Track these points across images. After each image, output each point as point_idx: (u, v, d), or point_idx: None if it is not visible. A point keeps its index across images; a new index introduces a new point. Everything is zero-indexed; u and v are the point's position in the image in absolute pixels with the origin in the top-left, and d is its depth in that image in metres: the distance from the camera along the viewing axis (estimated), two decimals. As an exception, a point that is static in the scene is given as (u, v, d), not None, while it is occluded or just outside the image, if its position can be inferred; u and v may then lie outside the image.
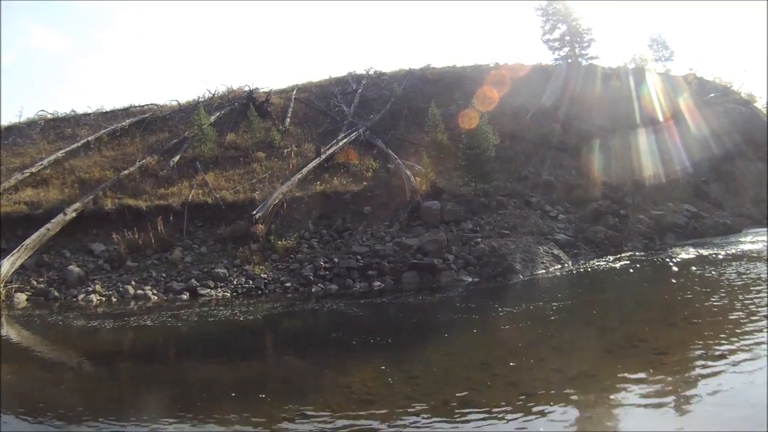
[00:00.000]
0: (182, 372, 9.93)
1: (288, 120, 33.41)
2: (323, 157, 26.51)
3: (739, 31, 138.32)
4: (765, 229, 25.36)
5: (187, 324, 13.39)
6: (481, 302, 14.67)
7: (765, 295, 11.82)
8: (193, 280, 17.81)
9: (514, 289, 16.04)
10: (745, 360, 7.52)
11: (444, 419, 6.40)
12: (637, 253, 20.26)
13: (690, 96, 39.77)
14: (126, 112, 35.61)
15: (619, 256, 19.92)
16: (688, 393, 6.65)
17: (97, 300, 16.93)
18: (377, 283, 17.37)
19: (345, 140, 29.25)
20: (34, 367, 10.44)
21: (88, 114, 35.47)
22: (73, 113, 35.51)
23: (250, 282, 17.71)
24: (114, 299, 16.98)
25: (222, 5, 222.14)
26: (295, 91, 38.50)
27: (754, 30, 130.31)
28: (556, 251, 19.35)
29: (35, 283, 18.13)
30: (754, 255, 17.99)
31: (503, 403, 6.71)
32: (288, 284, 17.55)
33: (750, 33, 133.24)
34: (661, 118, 35.66)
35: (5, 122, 34.04)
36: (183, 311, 14.72)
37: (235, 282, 17.81)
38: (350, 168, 26.34)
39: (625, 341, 9.23)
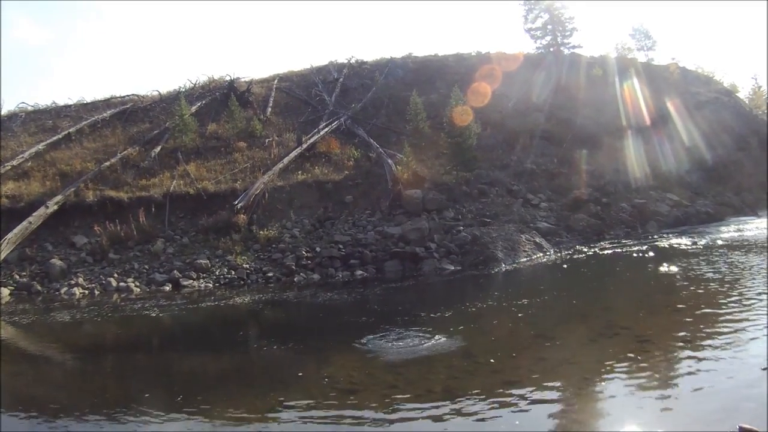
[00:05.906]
0: (165, 364, 9.88)
1: (269, 109, 33.33)
2: (304, 146, 26.46)
3: (723, 21, 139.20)
4: (747, 217, 25.63)
5: (170, 315, 13.35)
6: (463, 291, 14.74)
7: (747, 282, 11.95)
8: (175, 271, 17.73)
9: (496, 278, 16.06)
10: (727, 347, 7.60)
11: (427, 407, 6.41)
12: (619, 242, 20.36)
13: (672, 85, 39.96)
14: (107, 103, 35.38)
15: (601, 244, 20.01)
16: (671, 380, 6.72)
17: (80, 293, 16.81)
18: (359, 272, 17.37)
19: (326, 129, 29.24)
20: (20, 362, 10.37)
21: (69, 106, 35.22)
22: (53, 105, 35.28)
23: (233, 272, 17.67)
24: (97, 292, 16.86)
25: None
26: (276, 81, 38.39)
27: (738, 20, 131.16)
28: (538, 239, 19.40)
29: (18, 277, 17.98)
30: (736, 243, 18.13)
31: (486, 392, 6.73)
32: (270, 274, 17.53)
33: (735, 23, 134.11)
34: (643, 107, 35.78)
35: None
36: (165, 302, 14.67)
37: (217, 272, 17.75)
38: (331, 157, 26.32)
39: (607, 329, 9.26)
